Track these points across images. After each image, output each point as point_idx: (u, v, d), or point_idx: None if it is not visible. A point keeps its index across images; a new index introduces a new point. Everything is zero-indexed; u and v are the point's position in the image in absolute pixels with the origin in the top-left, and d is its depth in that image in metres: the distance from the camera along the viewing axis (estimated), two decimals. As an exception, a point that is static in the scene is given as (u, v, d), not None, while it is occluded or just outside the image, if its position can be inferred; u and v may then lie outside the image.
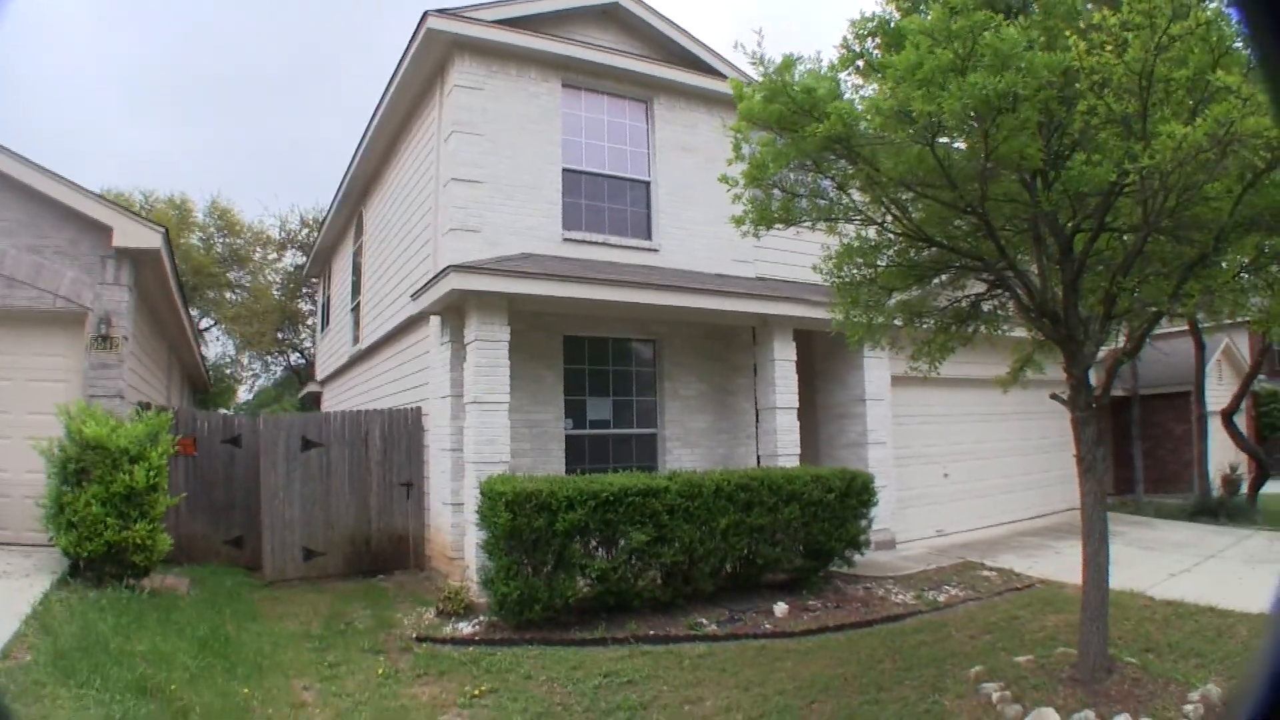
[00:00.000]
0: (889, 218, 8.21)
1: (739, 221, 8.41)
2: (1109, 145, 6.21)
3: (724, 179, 8.09)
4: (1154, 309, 7.93)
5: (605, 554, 10.54)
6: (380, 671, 8.91)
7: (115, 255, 12.54)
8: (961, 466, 17.43)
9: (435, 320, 13.42)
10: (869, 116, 6.62)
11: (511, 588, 9.98)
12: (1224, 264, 7.52)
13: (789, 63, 7.33)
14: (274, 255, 41.26)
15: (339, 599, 12.33)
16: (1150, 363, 23.80)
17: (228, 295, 39.45)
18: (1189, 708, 7.13)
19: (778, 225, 8.41)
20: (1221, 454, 21.96)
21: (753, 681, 8.52)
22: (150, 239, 12.74)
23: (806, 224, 8.49)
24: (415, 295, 13.14)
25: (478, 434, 11.67)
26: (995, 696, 7.68)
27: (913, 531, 15.91)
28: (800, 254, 10.75)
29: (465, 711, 7.83)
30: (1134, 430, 22.15)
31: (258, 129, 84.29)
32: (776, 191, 8.28)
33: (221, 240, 39.60)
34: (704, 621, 10.54)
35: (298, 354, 41.62)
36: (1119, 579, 11.86)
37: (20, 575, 10.33)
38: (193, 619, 9.96)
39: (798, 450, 13.96)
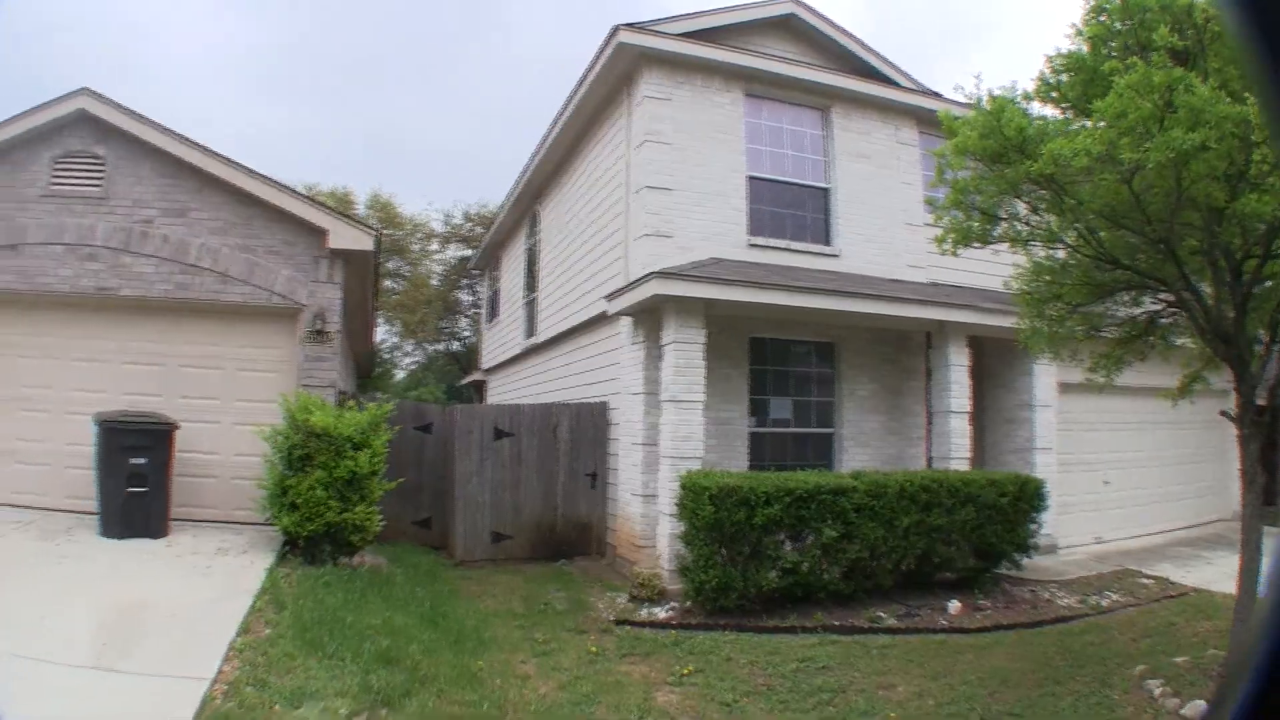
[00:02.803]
0: (1079, 241, 8.63)
1: (940, 240, 8.93)
2: (1275, 185, 6.63)
3: (931, 201, 8.63)
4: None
5: (793, 548, 11.06)
6: (591, 649, 9.57)
7: (329, 255, 13.30)
8: (1120, 474, 17.42)
9: (625, 320, 14.04)
10: (1077, 158, 7.05)
11: (709, 576, 10.63)
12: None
13: (1003, 103, 7.86)
14: (435, 247, 42.41)
15: (529, 581, 13.02)
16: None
17: (387, 284, 40.53)
18: None
19: (976, 243, 8.91)
20: None
21: (939, 672, 9.06)
22: (364, 242, 13.52)
23: (1003, 244, 8.98)
24: (610, 297, 13.79)
25: (674, 430, 12.29)
26: (1158, 691, 8.27)
27: (1073, 537, 15.99)
28: (973, 259, 11.11)
29: (677, 689, 8.43)
30: (1280, 440, 21.81)
31: (380, 118, 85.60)
32: (976, 213, 8.75)
33: (384, 232, 40.48)
34: (883, 615, 11.03)
35: (457, 342, 42.77)
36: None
37: (238, 552, 11.07)
38: (408, 596, 10.65)
39: (969, 454, 14.31)
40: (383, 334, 42.22)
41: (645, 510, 13.14)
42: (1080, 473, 16.58)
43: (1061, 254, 9.08)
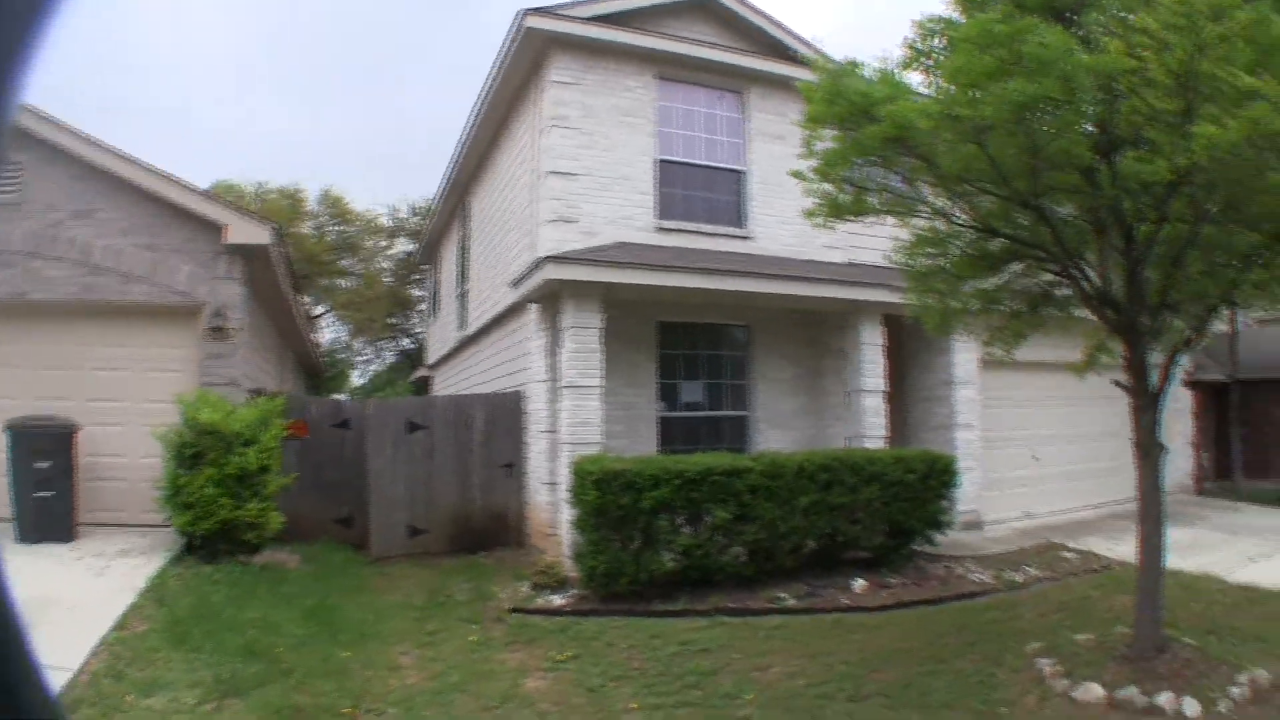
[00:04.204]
0: (955, 210, 8.50)
1: (811, 215, 8.79)
2: (1161, 142, 6.36)
3: (796, 174, 8.48)
4: (1210, 299, 8.13)
5: (691, 531, 10.96)
6: (473, 639, 9.55)
7: (228, 251, 13.26)
8: (1051, 450, 17.39)
9: (534, 308, 13.93)
10: (920, 119, 6.88)
11: (599, 561, 10.54)
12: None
13: (848, 68, 7.72)
14: (385, 243, 42.40)
15: (441, 574, 12.93)
16: (1250, 348, 23.38)
17: (340, 282, 40.56)
18: (1236, 690, 7.35)
19: (848, 217, 8.74)
20: None
21: (821, 652, 8.93)
22: (261, 235, 13.47)
23: (875, 216, 8.83)
24: (515, 283, 13.67)
25: (571, 416, 12.17)
26: (1048, 670, 8.03)
27: (1000, 513, 15.97)
28: (892, 240, 10.98)
29: (549, 674, 8.42)
30: (1232, 415, 21.85)
31: (364, 110, 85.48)
32: (848, 185, 8.57)
33: (334, 228, 40.86)
34: (784, 596, 10.92)
35: (409, 339, 42.64)
36: (1197, 562, 12.00)
37: (138, 554, 11.14)
38: (300, 591, 10.69)
39: (885, 432, 14.20)
40: (335, 334, 42.18)
41: (551, 498, 13.04)
42: (1008, 448, 16.58)
43: (943, 224, 8.93)
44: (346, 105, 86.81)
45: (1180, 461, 19.87)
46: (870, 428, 14.02)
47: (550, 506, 13.08)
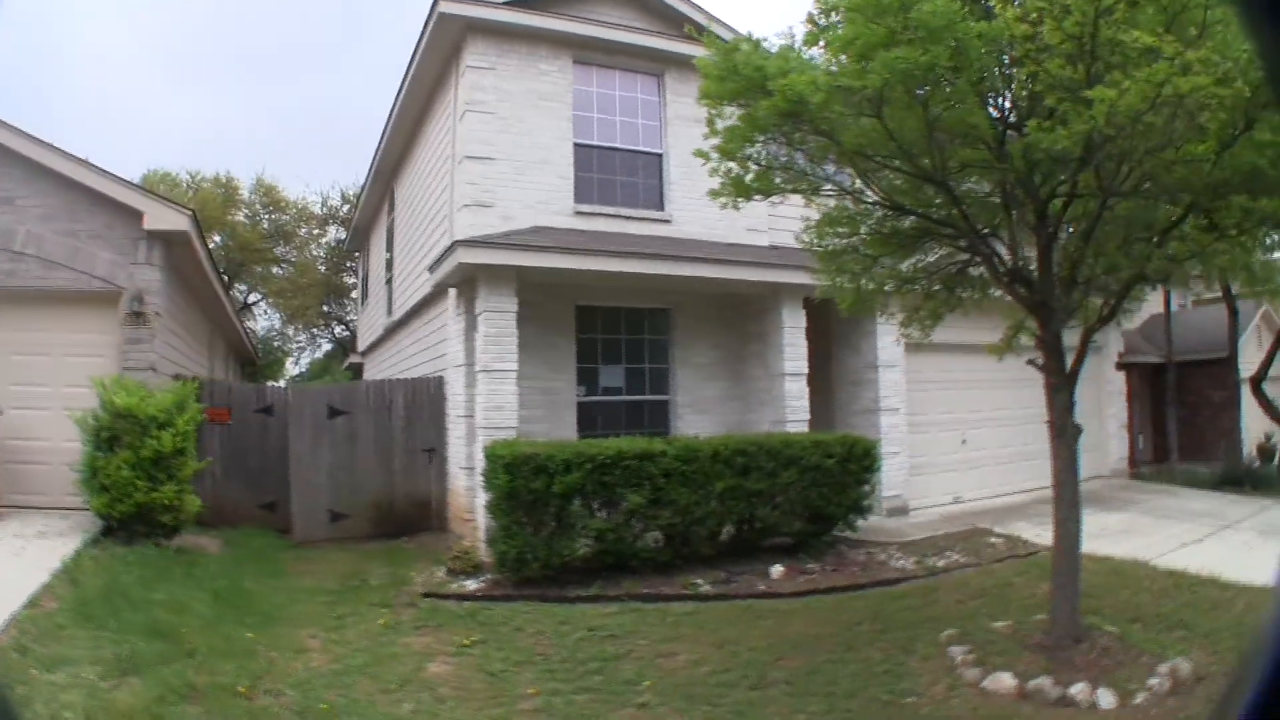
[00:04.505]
0: (865, 188, 8.40)
1: (715, 195, 8.66)
2: (1065, 111, 6.27)
3: (700, 153, 8.38)
4: (1123, 274, 8.06)
5: (605, 516, 10.90)
6: (382, 623, 9.48)
7: (147, 237, 13.20)
8: (982, 433, 17.40)
9: (452, 293, 13.84)
10: (812, 92, 6.75)
11: (510, 546, 10.46)
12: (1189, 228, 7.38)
13: (741, 42, 7.63)
14: (317, 231, 42.11)
15: (360, 558, 12.87)
16: (1189, 329, 23.53)
17: (275, 270, 40.28)
18: (1154, 681, 7.15)
19: (756, 196, 8.63)
20: (1263, 423, 21.48)
21: (729, 639, 8.85)
22: (179, 221, 13.43)
23: (782, 196, 8.72)
24: (431, 268, 13.57)
25: (487, 400, 12.07)
26: (960, 659, 7.89)
27: (929, 498, 16.01)
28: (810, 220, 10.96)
29: (453, 659, 8.35)
30: (1168, 397, 22.03)
31: (300, 99, 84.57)
32: (754, 165, 8.43)
33: (267, 216, 40.50)
34: (700, 582, 10.87)
35: (343, 326, 42.36)
36: (1126, 547, 11.91)
37: (55, 535, 11.03)
38: (214, 574, 10.69)
39: (807, 416, 14.13)
40: (270, 322, 41.88)
41: (469, 483, 12.90)
42: (937, 432, 16.57)
43: (852, 203, 8.81)
44: (282, 92, 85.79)
45: (1114, 445, 20.01)
46: (792, 412, 13.98)
47: (469, 491, 12.96)
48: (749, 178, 8.42)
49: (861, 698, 7.35)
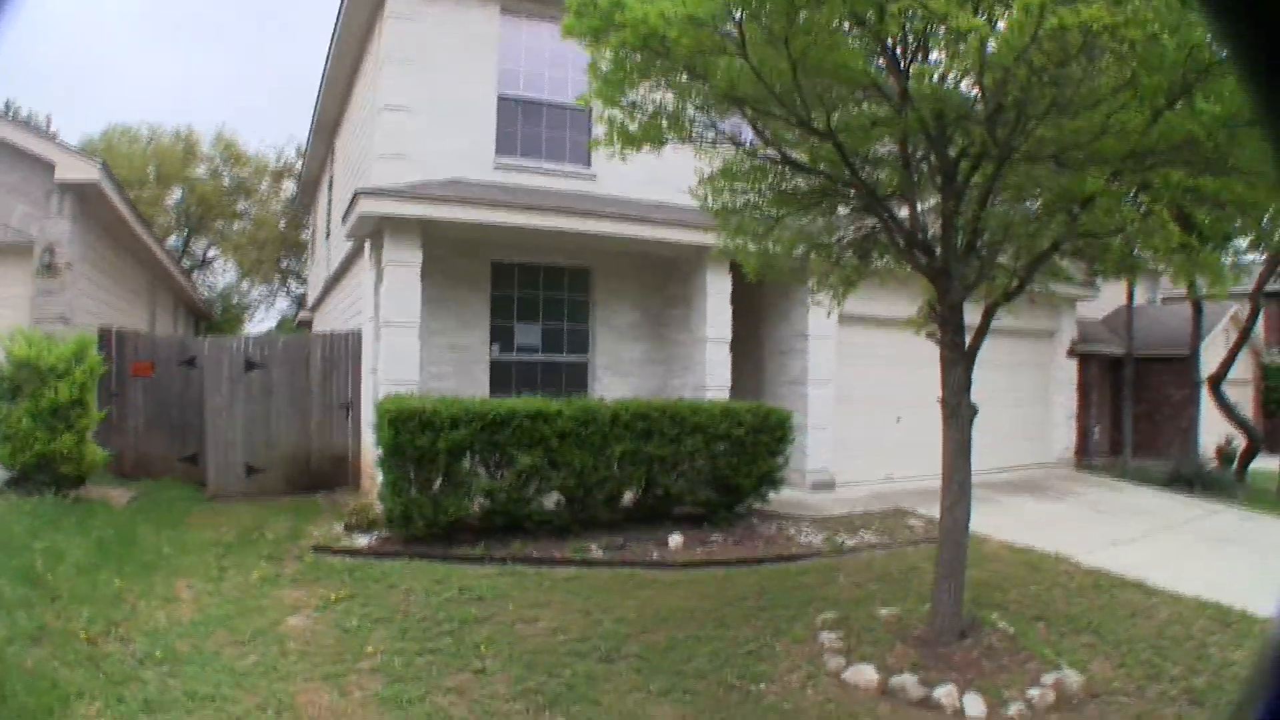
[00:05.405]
0: (749, 138, 8.04)
1: (596, 145, 8.28)
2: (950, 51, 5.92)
3: (581, 100, 8.07)
4: (1021, 243, 7.78)
5: (500, 476, 10.71)
6: (258, 575, 9.38)
7: (59, 189, 13.26)
8: (921, 413, 16.98)
9: (367, 245, 13.57)
10: (663, 25, 6.16)
11: (395, 503, 10.29)
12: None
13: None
14: (275, 186, 41.74)
15: (269, 512, 12.71)
16: (1152, 324, 23.41)
17: (235, 225, 39.97)
18: (1035, 692, 6.66)
19: (647, 146, 8.18)
20: (1224, 425, 21.05)
21: (600, 607, 8.64)
22: (89, 171, 13.47)
23: (672, 146, 8.27)
24: (343, 220, 13.34)
25: (388, 355, 11.93)
26: (828, 645, 7.57)
27: (860, 475, 15.66)
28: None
29: (315, 614, 8.25)
30: (1125, 391, 21.80)
31: (262, 57, 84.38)
32: (636, 113, 7.96)
33: (228, 172, 40.13)
34: (592, 547, 10.66)
35: (299, 281, 42.04)
36: (1054, 540, 11.47)
37: (-39, 487, 11.07)
38: (108, 524, 10.58)
39: (728, 383, 13.94)
40: (231, 277, 41.71)
41: (374, 438, 12.64)
42: (871, 408, 16.22)
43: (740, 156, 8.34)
44: (245, 47, 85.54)
45: (1059, 434, 19.80)
46: (714, 378, 13.77)
47: (374, 447, 12.69)
48: (633, 127, 8.03)
49: (711, 679, 7.07)
